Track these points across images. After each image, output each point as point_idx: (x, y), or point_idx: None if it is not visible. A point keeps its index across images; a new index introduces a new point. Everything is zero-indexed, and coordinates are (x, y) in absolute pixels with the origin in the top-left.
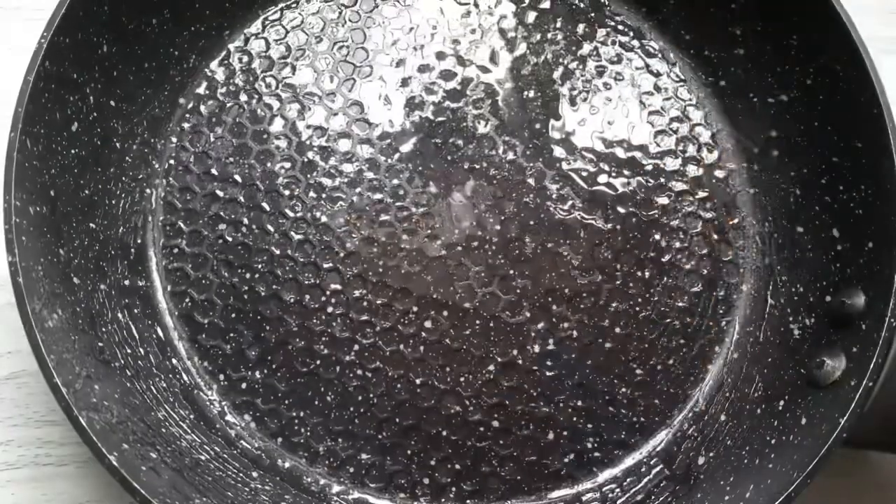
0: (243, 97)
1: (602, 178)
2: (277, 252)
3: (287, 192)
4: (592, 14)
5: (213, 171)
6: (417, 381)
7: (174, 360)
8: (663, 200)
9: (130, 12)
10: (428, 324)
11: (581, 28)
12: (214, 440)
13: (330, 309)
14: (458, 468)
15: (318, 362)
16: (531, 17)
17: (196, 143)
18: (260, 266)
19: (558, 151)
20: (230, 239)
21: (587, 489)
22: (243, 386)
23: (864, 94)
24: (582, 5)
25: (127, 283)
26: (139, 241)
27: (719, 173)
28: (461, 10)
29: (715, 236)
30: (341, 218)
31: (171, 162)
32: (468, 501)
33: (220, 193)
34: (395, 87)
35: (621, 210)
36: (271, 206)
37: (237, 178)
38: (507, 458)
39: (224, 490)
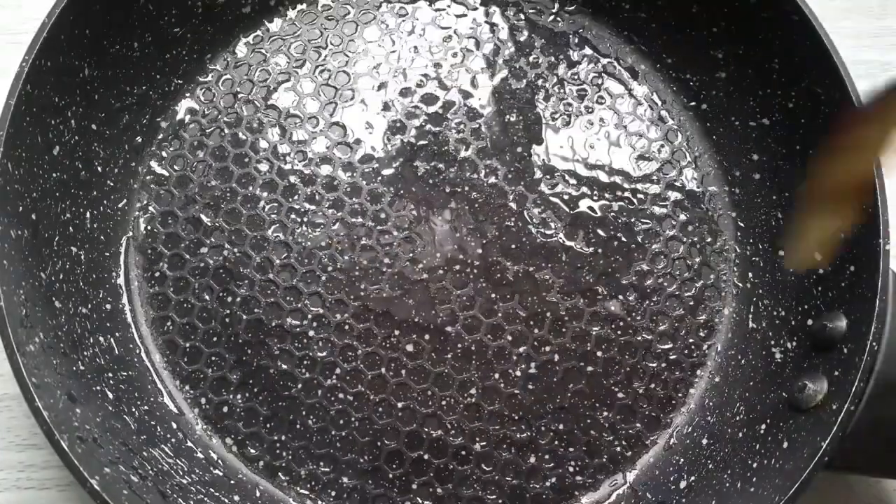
0: (224, 120)
1: (584, 202)
2: (259, 276)
3: (268, 217)
4: (574, 38)
5: (195, 195)
6: (399, 405)
7: (156, 384)
8: (645, 224)
9: (112, 36)
10: (409, 347)
11: (562, 52)
12: (196, 464)
13: (311, 333)
14: (440, 493)
15: (300, 386)
16: (512, 41)
17: (177, 166)
18: (242, 290)
19: (539, 175)
20: (211, 262)
21: None
22: (225, 410)
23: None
24: (563, 29)
25: (108, 306)
26: (121, 264)
27: (701, 197)
28: (442, 35)
29: (697, 260)
30: (323, 242)
31: (153, 186)
32: None
33: (202, 217)
34: (377, 111)
35: (603, 234)
36: (253, 231)
37: (219, 202)
38: (489, 483)
39: None
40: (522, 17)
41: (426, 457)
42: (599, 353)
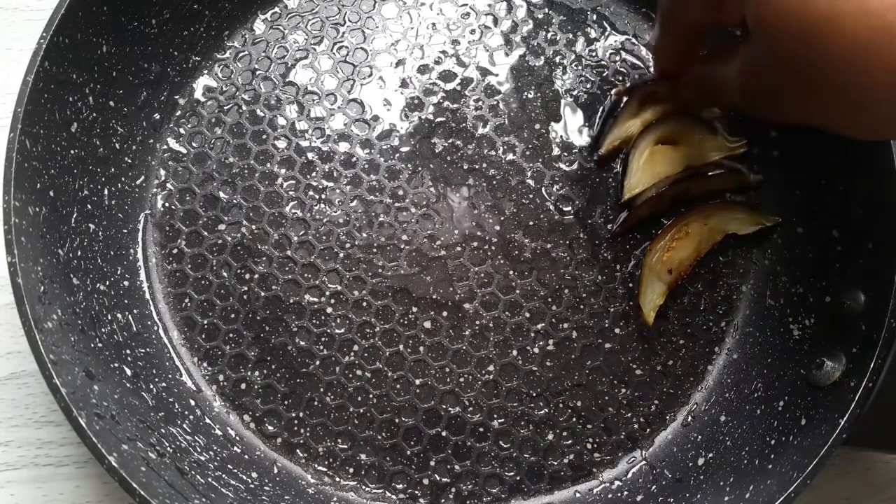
0: (243, 98)
1: (602, 179)
2: (277, 253)
3: (286, 194)
4: (591, 15)
5: (213, 171)
6: (417, 382)
7: (174, 361)
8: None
9: (130, 13)
10: (427, 324)
11: (580, 29)
12: (214, 441)
13: (329, 310)
14: (458, 469)
15: (318, 363)
16: (530, 18)
17: (195, 143)
18: (259, 267)
19: (557, 152)
20: (229, 239)
21: (587, 490)
22: (243, 386)
23: None
24: (581, 6)
25: (126, 283)
26: (139, 241)
27: None
28: (460, 11)
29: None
30: (341, 219)
31: (171, 163)
32: (468, 502)
33: (220, 194)
34: (395, 88)
35: (621, 211)
36: (270, 207)
37: (236, 178)
38: (507, 459)
39: (223, 490)
40: None
41: (444, 433)
42: (617, 330)
